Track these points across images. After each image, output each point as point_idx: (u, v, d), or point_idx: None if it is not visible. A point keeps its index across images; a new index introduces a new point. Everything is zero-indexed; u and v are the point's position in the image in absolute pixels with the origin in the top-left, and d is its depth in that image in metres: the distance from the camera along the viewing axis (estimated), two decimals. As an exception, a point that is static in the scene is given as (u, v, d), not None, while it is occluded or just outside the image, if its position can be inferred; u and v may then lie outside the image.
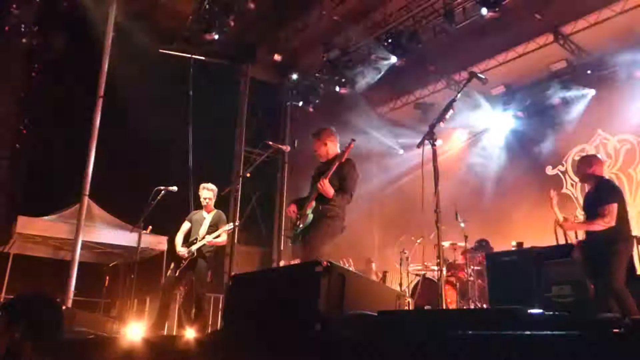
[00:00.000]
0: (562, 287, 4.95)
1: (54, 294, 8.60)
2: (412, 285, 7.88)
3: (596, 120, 9.02)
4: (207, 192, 6.43)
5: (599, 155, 5.55)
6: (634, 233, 4.89)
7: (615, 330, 1.54)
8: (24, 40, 9.46)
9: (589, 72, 8.66)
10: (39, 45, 9.77)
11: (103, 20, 9.16)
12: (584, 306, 4.64)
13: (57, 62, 10.12)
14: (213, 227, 6.23)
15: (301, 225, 4.59)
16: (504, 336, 1.60)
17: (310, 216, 4.57)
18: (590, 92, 9.02)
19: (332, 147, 4.81)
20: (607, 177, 5.15)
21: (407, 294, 7.36)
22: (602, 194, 4.73)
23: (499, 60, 9.74)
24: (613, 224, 4.53)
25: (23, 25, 9.34)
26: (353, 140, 4.64)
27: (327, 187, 4.43)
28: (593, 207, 4.71)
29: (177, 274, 6.11)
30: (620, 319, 1.61)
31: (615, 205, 4.59)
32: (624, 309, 4.15)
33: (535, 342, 1.50)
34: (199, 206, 6.64)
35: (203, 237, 6.15)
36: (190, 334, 4.70)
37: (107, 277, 10.46)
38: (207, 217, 6.38)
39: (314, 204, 4.56)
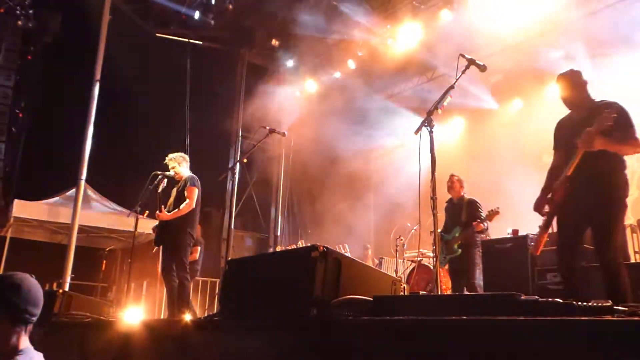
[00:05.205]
0: (557, 274, 4.91)
1: (51, 278, 8.73)
2: (407, 272, 7.93)
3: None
4: (170, 162, 5.92)
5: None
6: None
7: (607, 317, 1.55)
8: (19, 22, 9.37)
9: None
10: (35, 27, 9.69)
11: (99, 2, 9.07)
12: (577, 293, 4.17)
13: (53, 45, 10.06)
14: (181, 193, 5.75)
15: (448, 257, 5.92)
16: (497, 322, 1.62)
17: (459, 251, 5.84)
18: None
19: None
20: None
21: (403, 280, 7.41)
22: (624, 116, 3.51)
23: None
24: None
25: (19, 7, 9.25)
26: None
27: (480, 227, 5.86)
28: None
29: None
30: (612, 306, 1.62)
31: None
32: (619, 286, 3.22)
33: (528, 327, 1.51)
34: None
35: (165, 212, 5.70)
36: (187, 317, 4.73)
37: (104, 261, 10.49)
38: (176, 186, 5.93)
39: (460, 241, 5.87)
